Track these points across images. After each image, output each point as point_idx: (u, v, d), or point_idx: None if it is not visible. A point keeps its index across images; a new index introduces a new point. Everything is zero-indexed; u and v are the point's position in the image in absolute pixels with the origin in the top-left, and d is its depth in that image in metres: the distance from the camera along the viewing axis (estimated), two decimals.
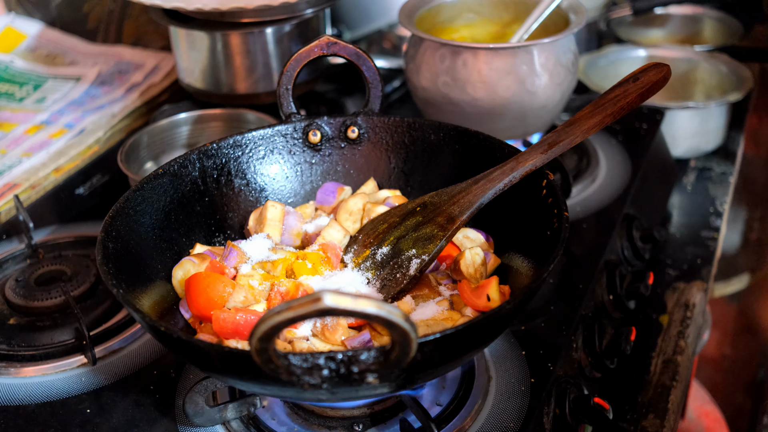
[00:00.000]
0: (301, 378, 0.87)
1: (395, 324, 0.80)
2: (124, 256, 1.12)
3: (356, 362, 0.86)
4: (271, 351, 0.83)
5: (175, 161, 1.25)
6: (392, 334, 0.82)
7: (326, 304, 0.76)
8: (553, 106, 1.59)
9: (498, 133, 1.57)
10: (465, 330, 0.92)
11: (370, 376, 0.87)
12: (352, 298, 0.77)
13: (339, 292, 0.77)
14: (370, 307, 0.78)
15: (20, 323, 1.33)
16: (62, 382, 1.23)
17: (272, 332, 0.80)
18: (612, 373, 1.38)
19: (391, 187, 1.33)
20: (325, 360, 0.86)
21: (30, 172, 1.72)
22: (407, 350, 0.83)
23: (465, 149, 1.27)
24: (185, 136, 1.70)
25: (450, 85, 1.54)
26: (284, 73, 1.29)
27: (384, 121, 1.32)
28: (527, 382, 1.20)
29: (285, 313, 0.78)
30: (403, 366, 0.85)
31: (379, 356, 0.86)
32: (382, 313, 0.78)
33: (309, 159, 1.35)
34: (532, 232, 1.16)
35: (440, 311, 1.11)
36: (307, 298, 0.77)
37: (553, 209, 1.12)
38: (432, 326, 1.08)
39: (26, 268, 1.43)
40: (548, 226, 1.11)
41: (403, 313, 0.80)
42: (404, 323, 0.80)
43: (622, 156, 1.73)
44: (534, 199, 1.16)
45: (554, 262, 1.00)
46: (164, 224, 1.22)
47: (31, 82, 2.09)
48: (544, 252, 1.10)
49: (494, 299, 1.10)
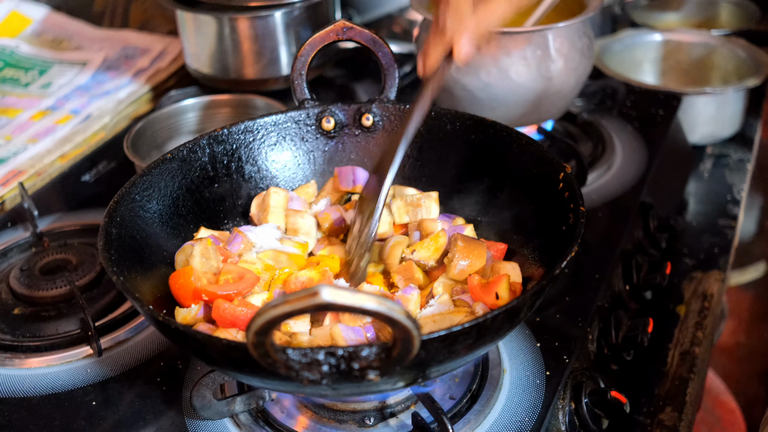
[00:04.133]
0: (300, 373, 0.83)
1: (396, 321, 0.77)
2: (128, 243, 1.09)
3: (357, 358, 0.83)
4: (269, 345, 0.80)
5: (184, 146, 1.22)
6: (394, 331, 0.79)
7: (324, 298, 0.73)
8: (568, 91, 1.55)
9: (511, 120, 1.54)
10: (471, 328, 0.88)
11: (371, 373, 0.84)
12: (350, 293, 0.74)
13: (337, 286, 0.74)
14: (369, 303, 0.74)
15: (25, 313, 1.31)
16: (67, 374, 1.21)
17: (268, 326, 0.77)
18: (628, 365, 1.35)
19: (405, 176, 1.30)
20: (325, 355, 0.83)
21: (35, 158, 1.70)
22: (409, 347, 0.80)
23: (481, 139, 1.24)
24: (192, 122, 1.67)
25: (462, 70, 1.51)
26: (298, 57, 1.26)
27: (399, 109, 1.29)
28: (542, 375, 1.17)
29: (281, 307, 0.75)
30: (406, 363, 0.82)
31: (380, 353, 0.83)
32: (382, 309, 0.75)
33: (322, 146, 1.32)
34: (547, 225, 1.12)
35: (448, 307, 1.08)
36: (304, 292, 0.74)
37: (569, 203, 1.08)
38: (439, 322, 1.05)
39: (31, 257, 1.41)
40: (564, 221, 1.08)
41: (404, 309, 0.76)
42: (406, 320, 0.77)
43: (638, 143, 1.69)
44: (550, 192, 1.13)
45: (567, 259, 0.97)
46: (171, 210, 1.19)
47: (37, 67, 2.06)
48: (558, 247, 1.07)
49: (503, 297, 1.06)
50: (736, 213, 1.77)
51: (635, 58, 2.08)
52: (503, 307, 0.90)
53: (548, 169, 1.15)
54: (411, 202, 1.22)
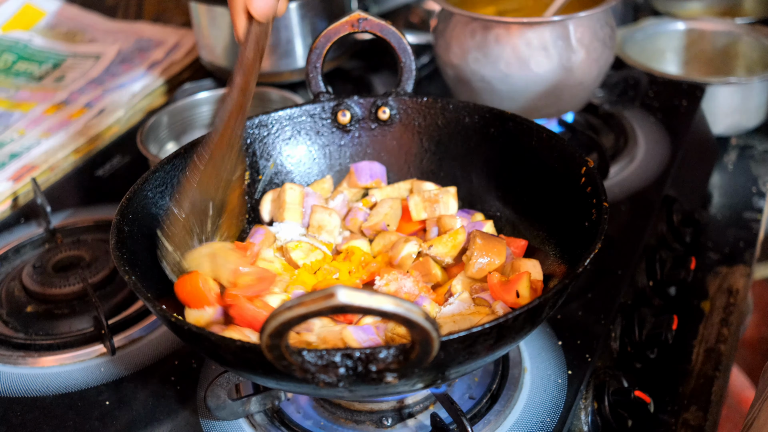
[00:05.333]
0: (316, 376, 0.82)
1: (415, 323, 0.75)
2: (140, 240, 1.07)
3: (374, 361, 0.81)
4: (284, 347, 0.79)
5: (197, 141, 1.20)
6: (412, 333, 0.77)
7: (340, 300, 0.71)
8: (589, 82, 1.52)
9: (531, 112, 1.51)
10: (491, 329, 0.86)
11: (389, 376, 0.82)
12: (367, 294, 0.72)
13: (354, 287, 0.72)
14: (387, 304, 0.72)
15: (38, 311, 1.29)
16: (80, 373, 1.19)
17: (283, 329, 0.75)
18: (652, 363, 1.32)
19: (423, 171, 1.27)
20: (342, 358, 0.81)
21: (48, 153, 1.68)
22: (428, 349, 0.78)
23: (500, 133, 1.21)
24: (206, 115, 1.65)
25: (481, 61, 1.47)
26: (313, 50, 1.23)
27: (416, 102, 1.25)
28: (564, 374, 1.14)
29: (296, 309, 0.73)
30: (425, 365, 0.80)
31: (398, 355, 0.81)
32: (400, 310, 0.73)
33: (338, 140, 1.29)
34: (569, 221, 1.09)
35: (468, 306, 1.05)
36: (319, 293, 0.72)
37: (592, 199, 1.05)
38: (459, 322, 1.02)
39: (44, 253, 1.39)
40: (586, 217, 1.04)
41: (423, 310, 0.74)
42: (424, 322, 0.75)
43: (661, 134, 1.65)
44: (572, 187, 1.10)
45: (590, 257, 0.94)
46: None
47: (50, 60, 2.04)
48: (581, 243, 1.04)
49: (524, 296, 1.03)
50: (762, 206, 1.72)
51: (657, 48, 2.04)
52: (524, 306, 0.87)
53: (570, 163, 1.12)
54: (429, 198, 1.19)
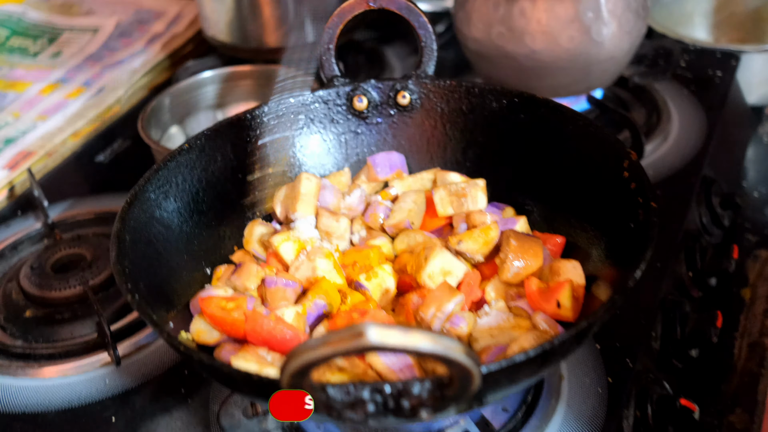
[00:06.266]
0: (342, 413, 0.74)
1: (455, 361, 0.67)
2: (143, 249, 0.98)
3: (407, 396, 0.73)
4: (306, 387, 0.71)
5: (202, 134, 1.11)
6: (450, 370, 0.69)
7: (370, 339, 0.64)
8: (621, 56, 1.41)
9: (558, 89, 1.42)
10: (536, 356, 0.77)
11: (423, 412, 0.74)
12: (401, 332, 0.65)
13: (386, 325, 0.65)
14: (424, 343, 0.65)
15: (37, 315, 1.22)
16: (84, 385, 1.12)
17: (305, 369, 0.68)
18: (693, 361, 1.23)
19: (447, 160, 1.17)
20: (371, 393, 0.73)
21: (45, 138, 1.59)
22: (468, 385, 0.71)
23: (532, 119, 1.11)
24: (212, 96, 1.55)
25: (505, 36, 1.37)
26: (326, 30, 1.13)
27: (439, 86, 1.16)
28: (603, 381, 1.06)
29: (320, 350, 0.66)
30: (463, 400, 0.72)
31: (434, 390, 0.73)
32: (438, 349, 0.66)
33: (354, 128, 1.19)
34: (610, 218, 1.00)
35: (506, 318, 0.96)
36: (347, 332, 0.65)
37: (637, 196, 0.95)
38: (497, 336, 0.94)
39: (42, 252, 1.30)
40: (632, 217, 0.95)
41: (464, 346, 0.67)
42: (466, 359, 0.67)
43: (695, 108, 1.55)
44: (613, 180, 1.00)
45: (641, 268, 0.85)
46: (191, 207, 1.08)
47: (46, 35, 1.94)
48: (626, 245, 0.95)
49: (566, 306, 0.94)
50: None
51: (685, 11, 1.93)
52: (572, 330, 0.79)
53: (611, 154, 1.02)
54: (455, 192, 1.09)
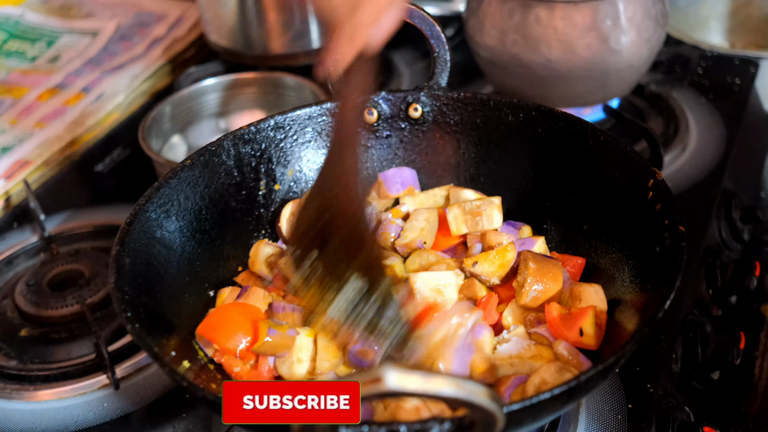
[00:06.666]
0: None
1: (479, 406, 0.64)
2: (143, 272, 0.94)
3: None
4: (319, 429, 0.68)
5: (205, 149, 1.06)
6: (473, 413, 0.66)
7: (389, 385, 0.62)
8: (640, 65, 1.36)
9: (574, 99, 1.38)
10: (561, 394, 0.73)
11: None
12: (421, 377, 0.62)
13: (406, 369, 0.62)
14: (446, 388, 0.63)
15: (33, 335, 1.18)
16: (81, 408, 1.07)
17: None
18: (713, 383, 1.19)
19: (460, 176, 1.13)
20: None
21: (43, 146, 1.54)
22: (491, 429, 0.67)
23: (550, 134, 1.06)
24: (214, 104, 1.50)
25: (520, 44, 1.32)
26: None
27: (452, 98, 1.11)
28: (623, 407, 1.02)
29: None
30: None
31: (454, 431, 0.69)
32: (462, 394, 0.63)
33: (364, 141, 1.15)
34: (633, 240, 0.96)
35: (526, 345, 0.91)
36: (364, 376, 0.63)
37: (663, 218, 0.91)
38: (517, 366, 0.89)
39: (39, 268, 1.26)
40: (657, 240, 0.91)
41: (488, 389, 0.64)
42: (491, 404, 0.65)
43: (714, 117, 1.50)
44: (636, 200, 0.96)
45: (670, 299, 0.80)
46: (193, 226, 1.04)
47: (44, 38, 1.89)
48: (651, 269, 0.90)
49: (588, 334, 0.90)
50: None
51: (701, 15, 1.88)
52: (599, 366, 0.75)
53: (634, 173, 0.98)
54: (470, 210, 1.05)
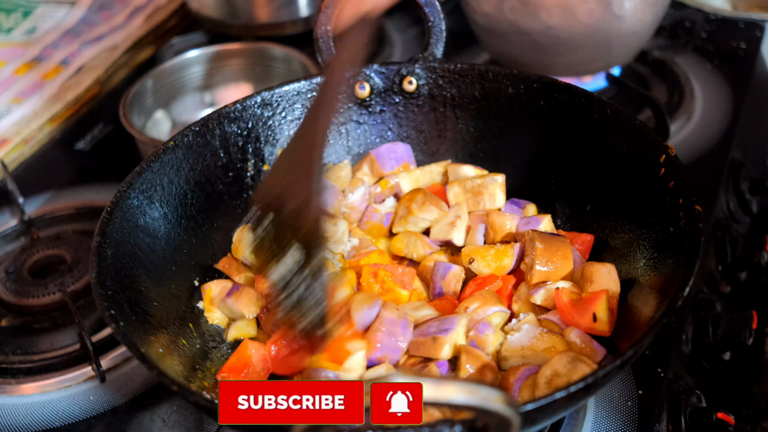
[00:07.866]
0: None
1: (494, 413, 0.60)
2: (126, 264, 0.89)
3: None
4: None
5: (189, 129, 1.01)
6: (487, 418, 0.62)
7: None
8: (644, 31, 1.31)
9: (575, 67, 1.33)
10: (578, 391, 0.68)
11: None
12: (434, 384, 0.58)
13: (413, 374, 0.59)
14: (459, 395, 0.58)
15: (14, 325, 1.13)
16: (66, 402, 1.03)
17: None
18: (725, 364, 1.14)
19: (458, 152, 1.07)
20: None
21: (21, 123, 1.47)
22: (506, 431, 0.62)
23: (552, 106, 1.01)
24: (198, 77, 1.44)
25: (519, 10, 1.26)
26: (322, 10, 1.03)
27: (449, 70, 1.06)
28: (633, 394, 0.97)
29: None
30: None
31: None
32: (475, 401, 0.59)
33: (356, 117, 1.09)
34: (646, 219, 0.91)
35: (538, 334, 0.86)
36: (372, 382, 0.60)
37: (677, 197, 0.86)
38: (528, 357, 0.85)
39: (18, 253, 1.20)
40: (671, 220, 0.85)
41: (503, 393, 0.59)
42: (506, 409, 0.60)
43: (720, 84, 1.45)
44: (647, 177, 0.91)
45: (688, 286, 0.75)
46: (178, 212, 0.99)
47: (20, 8, 1.82)
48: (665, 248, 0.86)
49: (602, 320, 0.85)
50: None
51: None
52: (617, 361, 0.70)
53: (644, 148, 0.93)
54: (471, 189, 0.99)
